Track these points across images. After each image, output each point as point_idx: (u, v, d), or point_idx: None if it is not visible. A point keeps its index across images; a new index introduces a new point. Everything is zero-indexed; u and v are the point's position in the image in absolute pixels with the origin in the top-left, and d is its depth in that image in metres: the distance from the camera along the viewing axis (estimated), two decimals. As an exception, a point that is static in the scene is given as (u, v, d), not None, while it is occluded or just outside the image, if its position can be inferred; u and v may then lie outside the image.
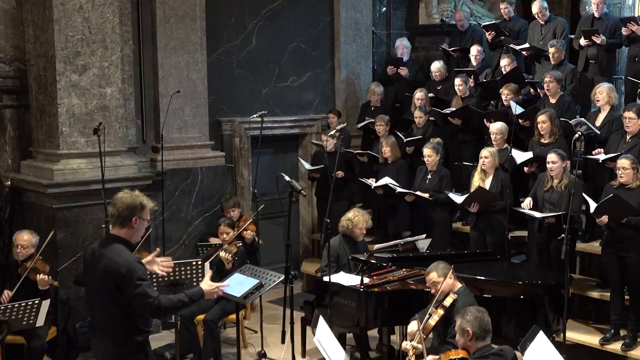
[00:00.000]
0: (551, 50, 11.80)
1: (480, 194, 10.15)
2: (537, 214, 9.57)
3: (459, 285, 7.80)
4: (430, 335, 7.63)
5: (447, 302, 7.55)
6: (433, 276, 7.73)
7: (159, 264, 6.57)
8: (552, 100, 11.20)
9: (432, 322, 7.46)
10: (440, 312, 7.49)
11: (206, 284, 6.44)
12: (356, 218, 9.74)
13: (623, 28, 11.75)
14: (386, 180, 11.31)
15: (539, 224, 9.76)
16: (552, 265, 9.60)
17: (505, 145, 10.76)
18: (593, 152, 10.11)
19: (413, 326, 7.66)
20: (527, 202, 9.79)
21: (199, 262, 8.21)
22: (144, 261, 6.36)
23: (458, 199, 10.44)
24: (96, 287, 6.10)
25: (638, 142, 9.81)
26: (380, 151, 11.87)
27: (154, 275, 7.11)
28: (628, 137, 9.93)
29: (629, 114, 9.88)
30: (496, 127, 10.81)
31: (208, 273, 6.74)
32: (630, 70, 11.90)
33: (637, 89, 11.40)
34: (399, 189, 11.10)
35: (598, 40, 11.85)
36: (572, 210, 8.61)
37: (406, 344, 7.41)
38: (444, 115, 12.17)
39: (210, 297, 6.55)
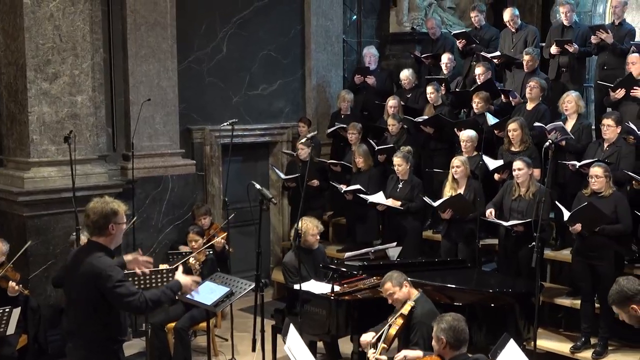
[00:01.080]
0: (526, 57, 11.92)
1: (457, 200, 10.23)
2: (505, 222, 9.66)
3: (415, 292, 7.87)
4: (395, 344, 7.69)
5: (405, 310, 7.63)
6: (388, 286, 7.80)
7: (140, 264, 6.73)
8: (529, 107, 11.33)
9: (393, 331, 7.53)
10: (400, 321, 7.57)
11: (181, 276, 6.61)
12: (304, 226, 9.72)
13: (592, 36, 11.87)
14: (358, 187, 11.38)
15: (506, 233, 9.86)
16: (521, 273, 9.69)
17: (476, 152, 10.84)
18: (569, 166, 10.17)
19: (367, 337, 7.74)
20: (490, 212, 9.90)
21: (169, 269, 8.35)
22: (126, 259, 6.56)
23: (434, 203, 10.47)
24: (76, 292, 6.19)
25: (616, 150, 9.92)
26: (353, 160, 11.93)
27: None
28: (605, 145, 10.03)
29: (608, 122, 9.97)
30: (466, 135, 10.90)
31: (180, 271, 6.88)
32: (600, 78, 11.94)
33: (604, 95, 11.52)
34: (370, 199, 11.15)
35: (571, 49, 11.95)
36: (541, 218, 8.68)
37: (370, 356, 7.51)
38: (416, 123, 12.22)
39: (186, 289, 6.67)
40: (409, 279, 7.95)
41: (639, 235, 9.71)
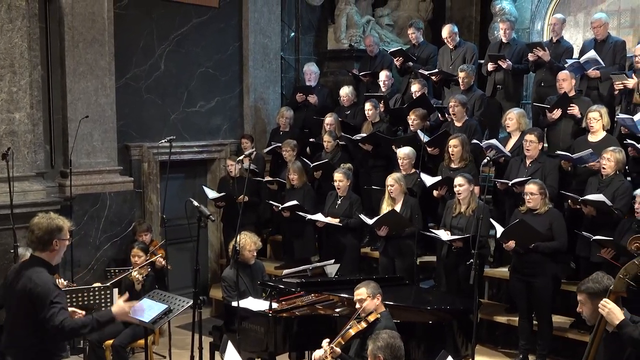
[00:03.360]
0: (461, 74, 12.09)
1: (392, 217, 10.33)
2: (444, 237, 9.81)
3: (383, 309, 7.97)
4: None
5: (371, 317, 7.79)
6: (362, 292, 7.88)
7: None
8: (458, 124, 11.48)
9: (353, 331, 7.75)
10: (363, 325, 7.76)
11: (116, 306, 6.73)
12: (242, 241, 9.75)
13: (529, 53, 12.11)
14: (295, 202, 11.52)
15: (447, 249, 9.97)
16: (460, 290, 9.79)
17: (413, 170, 11.02)
18: (498, 184, 10.39)
19: (319, 352, 7.82)
20: (443, 232, 9.97)
21: (103, 286, 8.49)
22: None
23: (369, 220, 10.54)
24: (15, 306, 6.36)
25: (539, 167, 10.13)
26: (287, 177, 12.06)
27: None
28: (528, 162, 10.25)
29: (530, 137, 10.18)
30: (403, 152, 11.10)
31: (121, 297, 7.01)
32: (537, 95, 12.24)
33: (538, 115, 11.72)
34: (309, 216, 11.31)
35: (504, 65, 12.19)
36: (480, 235, 8.70)
37: (324, 345, 7.67)
38: (354, 140, 12.39)
39: (121, 318, 6.80)
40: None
41: (576, 253, 9.82)
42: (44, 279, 6.24)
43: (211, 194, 12.54)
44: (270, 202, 12.21)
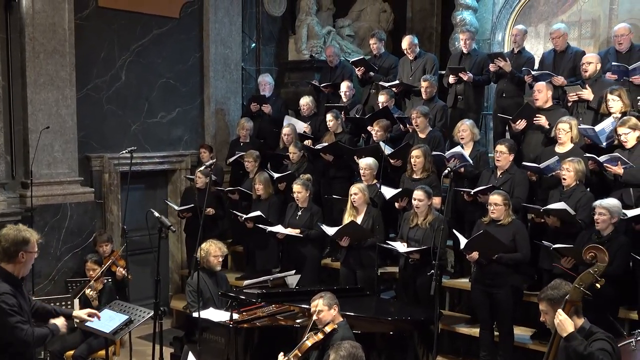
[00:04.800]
0: (424, 84, 12.21)
1: (352, 228, 10.38)
2: (401, 248, 9.87)
3: (340, 319, 8.08)
4: None
5: (327, 329, 7.92)
6: (318, 303, 8.01)
7: None
8: (422, 136, 11.61)
9: (309, 343, 7.85)
10: (320, 336, 7.88)
11: (60, 321, 6.93)
12: (207, 246, 9.98)
13: (490, 64, 12.24)
14: (258, 213, 11.59)
15: (405, 261, 10.04)
16: (420, 301, 9.81)
17: (375, 180, 11.10)
18: (463, 194, 10.37)
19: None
20: (400, 244, 10.02)
21: (67, 297, 8.60)
22: None
23: (330, 230, 10.63)
24: None
25: (509, 178, 10.16)
26: (253, 188, 12.13)
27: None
28: (499, 173, 10.27)
29: (501, 148, 10.21)
30: (365, 163, 11.15)
31: (78, 309, 7.22)
32: (498, 105, 12.35)
33: (505, 125, 11.72)
34: (269, 228, 11.36)
35: (465, 77, 12.31)
36: (439, 247, 8.77)
37: (280, 358, 7.78)
38: (315, 151, 12.50)
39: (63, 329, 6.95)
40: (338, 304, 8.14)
41: (539, 265, 9.86)
42: (2, 288, 6.35)
43: (176, 206, 12.64)
44: (234, 212, 12.28)
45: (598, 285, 6.18)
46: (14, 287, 6.46)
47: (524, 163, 10.45)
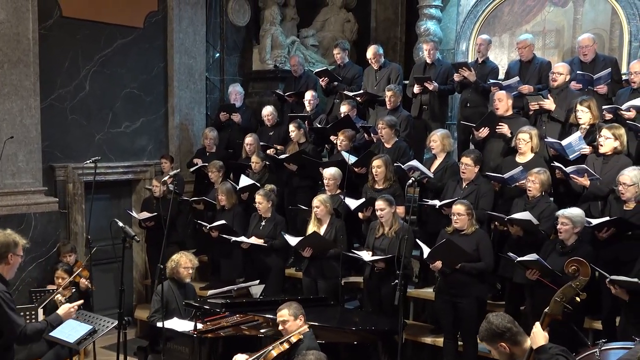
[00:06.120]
0: (388, 94, 12.27)
1: (314, 239, 10.50)
2: (366, 257, 9.90)
3: (306, 329, 8.13)
4: None
5: (293, 339, 7.97)
6: (284, 313, 8.10)
7: None
8: (388, 146, 11.65)
9: (275, 353, 7.90)
10: (286, 346, 7.94)
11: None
12: (178, 257, 10.10)
13: (455, 74, 12.38)
14: (223, 222, 11.66)
15: (370, 270, 10.08)
16: (384, 311, 9.87)
17: (338, 190, 11.23)
18: (428, 202, 10.43)
19: (241, 357, 8.13)
20: (365, 253, 10.06)
21: (31, 307, 8.89)
22: None
23: (293, 240, 10.70)
24: None
25: (474, 189, 10.20)
26: (217, 198, 12.23)
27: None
28: (464, 184, 10.31)
29: (466, 160, 10.25)
30: (329, 173, 11.27)
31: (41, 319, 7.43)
32: (462, 115, 12.49)
33: (469, 135, 11.79)
34: (234, 238, 11.44)
35: (430, 87, 12.40)
36: (403, 256, 8.85)
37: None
38: (279, 160, 12.57)
39: (68, 317, 7.38)
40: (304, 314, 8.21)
41: (499, 273, 9.94)
42: None
43: (139, 215, 12.68)
44: (199, 222, 12.35)
45: (578, 299, 6.20)
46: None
47: (487, 173, 10.48)
